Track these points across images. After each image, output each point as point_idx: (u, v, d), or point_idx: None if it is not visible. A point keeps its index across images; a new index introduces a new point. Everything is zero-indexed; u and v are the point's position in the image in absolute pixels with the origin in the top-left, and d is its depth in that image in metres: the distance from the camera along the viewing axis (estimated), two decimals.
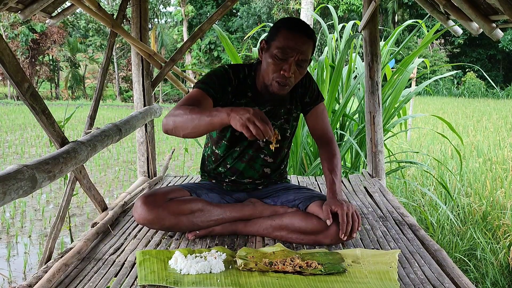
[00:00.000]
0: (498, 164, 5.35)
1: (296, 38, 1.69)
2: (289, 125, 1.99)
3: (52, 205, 4.77)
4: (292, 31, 1.70)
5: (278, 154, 2.01)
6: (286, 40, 1.69)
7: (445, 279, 1.55)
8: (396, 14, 24.26)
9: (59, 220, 1.99)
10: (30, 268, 3.23)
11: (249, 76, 1.88)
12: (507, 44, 22.48)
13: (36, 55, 22.23)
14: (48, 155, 1.66)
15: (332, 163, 1.94)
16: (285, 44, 1.68)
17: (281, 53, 1.69)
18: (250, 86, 1.89)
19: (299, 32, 1.70)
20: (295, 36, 1.69)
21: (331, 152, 1.98)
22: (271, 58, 1.72)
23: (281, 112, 1.94)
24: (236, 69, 1.88)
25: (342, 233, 1.73)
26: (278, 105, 1.93)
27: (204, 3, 25.41)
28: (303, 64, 1.73)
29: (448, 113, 12.61)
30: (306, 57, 1.72)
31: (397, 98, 4.06)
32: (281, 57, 1.70)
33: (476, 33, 2.63)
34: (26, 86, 1.63)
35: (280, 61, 1.71)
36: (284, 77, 1.72)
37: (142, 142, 3.08)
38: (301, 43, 1.69)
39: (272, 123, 1.91)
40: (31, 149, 7.98)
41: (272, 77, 1.75)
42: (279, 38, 1.70)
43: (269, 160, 1.99)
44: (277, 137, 1.60)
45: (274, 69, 1.73)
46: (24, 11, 2.52)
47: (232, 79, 1.85)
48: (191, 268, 1.55)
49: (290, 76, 1.71)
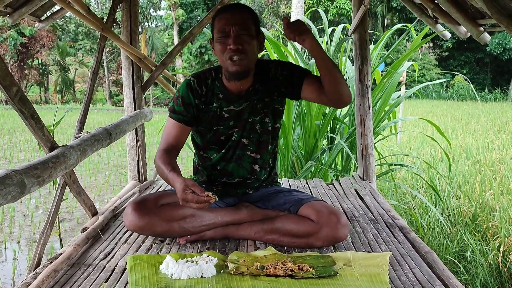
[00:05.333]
0: (487, 166, 5.40)
1: (227, 15, 1.78)
2: (269, 119, 1.96)
3: (41, 210, 4.72)
4: (222, 12, 1.80)
5: (264, 149, 1.99)
6: (219, 22, 1.78)
7: (435, 281, 1.56)
8: (385, 18, 24.46)
9: (49, 226, 1.97)
10: (19, 274, 3.19)
11: (217, 78, 1.91)
12: (494, 48, 22.76)
13: (25, 59, 22.04)
14: (37, 160, 1.64)
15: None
16: (220, 25, 1.77)
17: (220, 34, 1.77)
18: (220, 88, 1.90)
19: (228, 10, 1.81)
20: (226, 14, 1.79)
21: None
22: (217, 43, 1.79)
23: (259, 107, 1.93)
24: (201, 78, 1.92)
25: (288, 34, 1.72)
26: (256, 100, 1.92)
27: (194, 7, 25.39)
28: (245, 34, 1.76)
29: (438, 115, 12.72)
30: (245, 27, 1.76)
31: (387, 101, 4.08)
32: (222, 37, 1.77)
33: (464, 37, 2.66)
34: (15, 90, 1.61)
35: (223, 40, 1.77)
36: (232, 51, 1.75)
37: (132, 146, 3.07)
38: (233, 16, 1.77)
39: (252, 118, 1.92)
40: (20, 153, 7.90)
41: (224, 58, 1.79)
42: (215, 25, 1.80)
43: (255, 156, 1.98)
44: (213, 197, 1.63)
45: (222, 49, 1.78)
46: (12, 15, 2.50)
47: (197, 89, 1.89)
48: (182, 273, 1.54)
49: (236, 48, 1.74)
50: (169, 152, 1.85)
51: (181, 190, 1.62)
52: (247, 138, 1.94)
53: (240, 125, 1.93)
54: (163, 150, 1.86)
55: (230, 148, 1.95)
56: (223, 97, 1.90)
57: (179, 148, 1.93)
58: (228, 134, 1.94)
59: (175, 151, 1.89)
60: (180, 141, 1.91)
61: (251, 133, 1.94)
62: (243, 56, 1.76)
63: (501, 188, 4.32)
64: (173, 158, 1.84)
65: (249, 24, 1.78)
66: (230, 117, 1.92)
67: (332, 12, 21.42)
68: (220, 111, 1.91)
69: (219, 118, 1.92)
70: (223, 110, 1.91)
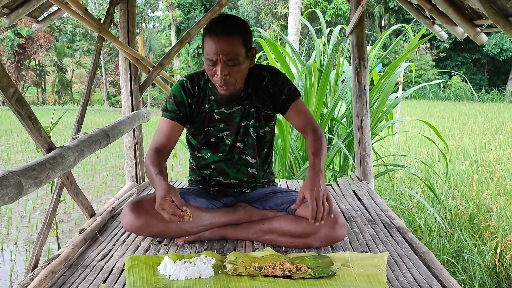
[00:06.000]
0: (484, 166, 5.42)
1: (215, 41, 1.68)
2: (262, 123, 1.96)
3: (38, 212, 4.71)
4: (211, 35, 1.69)
5: (259, 153, 1.99)
6: (208, 46, 1.70)
7: (433, 281, 1.57)
8: (383, 19, 24.50)
9: (46, 227, 1.96)
10: (16, 276, 3.18)
11: (209, 80, 1.89)
12: (491, 48, 22.83)
13: (22, 60, 21.99)
14: (34, 161, 1.64)
15: (316, 146, 1.86)
16: (208, 50, 1.70)
17: (208, 59, 1.72)
18: (212, 90, 1.90)
19: (218, 33, 1.68)
20: (214, 39, 1.68)
21: (316, 137, 1.90)
22: (205, 65, 1.76)
23: (251, 111, 1.93)
24: (194, 78, 1.91)
25: (311, 219, 1.66)
26: (248, 105, 1.92)
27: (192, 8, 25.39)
28: (234, 62, 1.71)
29: (435, 116, 12.75)
30: (234, 55, 1.70)
31: (384, 102, 4.09)
32: (211, 63, 1.72)
33: (461, 38, 2.67)
34: (12, 91, 1.61)
35: (212, 67, 1.73)
36: (219, 79, 1.73)
37: (130, 147, 3.06)
38: (220, 42, 1.68)
39: (246, 122, 1.93)
40: (17, 154, 7.88)
41: (214, 83, 1.79)
42: (204, 45, 1.73)
43: (251, 160, 1.98)
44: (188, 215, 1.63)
45: (210, 74, 1.76)
46: (9, 16, 2.49)
47: (190, 89, 1.89)
48: (180, 274, 1.54)
49: (224, 78, 1.72)
50: (159, 152, 1.84)
51: (161, 197, 1.62)
52: (242, 142, 1.95)
53: (231, 128, 1.93)
54: (154, 149, 1.84)
55: (226, 152, 1.95)
56: (214, 99, 1.91)
57: (170, 148, 1.91)
58: (218, 136, 1.94)
59: (166, 151, 1.87)
60: (172, 140, 1.90)
61: (245, 137, 1.95)
62: (230, 83, 1.76)
63: (498, 188, 4.34)
64: (162, 160, 1.82)
65: (237, 49, 1.70)
66: (220, 119, 1.92)
67: (330, 13, 21.45)
68: (211, 113, 1.92)
69: (210, 120, 1.92)
70: (214, 111, 1.91)
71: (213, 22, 1.75)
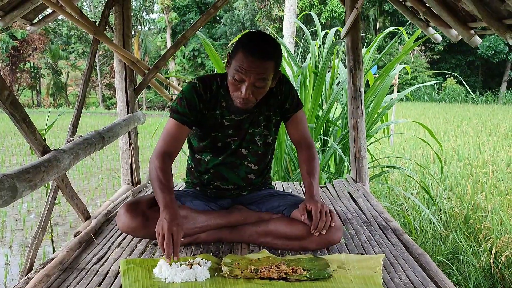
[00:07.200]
0: (479, 168, 5.45)
1: (252, 61, 1.66)
2: (269, 132, 1.98)
3: (33, 215, 4.69)
4: (249, 53, 1.66)
5: (262, 160, 2.01)
6: (242, 62, 1.67)
7: (428, 283, 1.57)
8: (377, 21, 24.60)
9: (41, 230, 1.96)
10: (11, 279, 3.16)
11: (222, 86, 1.88)
12: (485, 51, 22.96)
13: (17, 62, 21.90)
14: (29, 164, 1.63)
15: (311, 166, 1.95)
16: (241, 66, 1.67)
17: (237, 74, 1.69)
18: (224, 96, 1.88)
19: (255, 54, 1.66)
20: (251, 59, 1.66)
21: (310, 156, 1.98)
22: (230, 77, 1.73)
23: (260, 119, 1.94)
24: (207, 82, 1.88)
25: (313, 229, 1.77)
26: (257, 112, 1.93)
27: (187, 10, 25.40)
28: (261, 84, 1.71)
29: (430, 118, 12.81)
30: (264, 77, 1.70)
31: (379, 104, 4.11)
32: (238, 78, 1.70)
33: (455, 40, 2.69)
34: (6, 94, 1.60)
35: (237, 82, 1.71)
36: (241, 96, 1.73)
37: (125, 150, 3.06)
38: (257, 65, 1.67)
39: (253, 130, 1.93)
40: (12, 157, 7.84)
41: (233, 95, 1.78)
42: (236, 58, 1.69)
43: (253, 167, 2.00)
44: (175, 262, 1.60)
45: (233, 89, 1.75)
46: (4, 18, 2.49)
47: (202, 94, 1.86)
48: (176, 277, 1.54)
49: (247, 97, 1.72)
50: (169, 160, 1.81)
51: (167, 228, 1.58)
52: (246, 148, 1.95)
53: (239, 135, 1.93)
54: (163, 155, 1.80)
55: (228, 155, 1.95)
56: (225, 105, 1.89)
57: (177, 152, 1.89)
58: (225, 142, 1.94)
59: (173, 157, 1.85)
60: (180, 143, 1.87)
61: (250, 144, 1.95)
62: (252, 101, 1.77)
63: (493, 190, 4.36)
64: (171, 173, 1.80)
65: (268, 74, 1.70)
66: (230, 125, 1.92)
67: (325, 15, 21.51)
68: (221, 119, 1.91)
69: (220, 126, 1.91)
70: (225, 118, 1.91)
71: (251, 39, 1.72)
